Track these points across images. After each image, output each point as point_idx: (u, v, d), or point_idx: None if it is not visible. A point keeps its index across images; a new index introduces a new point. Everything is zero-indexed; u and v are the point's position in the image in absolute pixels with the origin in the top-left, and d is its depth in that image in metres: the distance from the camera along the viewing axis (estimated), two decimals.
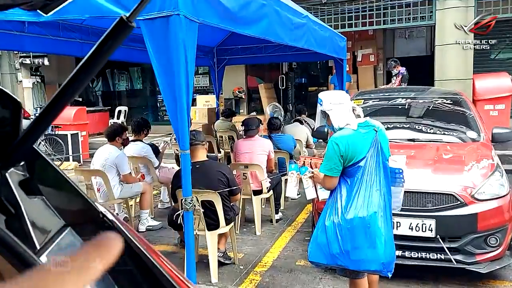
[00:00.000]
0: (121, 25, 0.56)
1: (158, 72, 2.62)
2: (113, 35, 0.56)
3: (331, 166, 2.64)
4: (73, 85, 0.57)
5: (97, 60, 0.57)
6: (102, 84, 15.08)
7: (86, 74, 0.58)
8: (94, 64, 0.57)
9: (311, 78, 13.83)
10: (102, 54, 0.57)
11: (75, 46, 5.41)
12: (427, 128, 4.79)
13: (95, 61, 0.57)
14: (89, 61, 0.57)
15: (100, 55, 0.57)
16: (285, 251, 4.38)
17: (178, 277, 0.82)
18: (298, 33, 4.76)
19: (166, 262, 0.83)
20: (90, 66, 0.57)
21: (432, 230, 3.48)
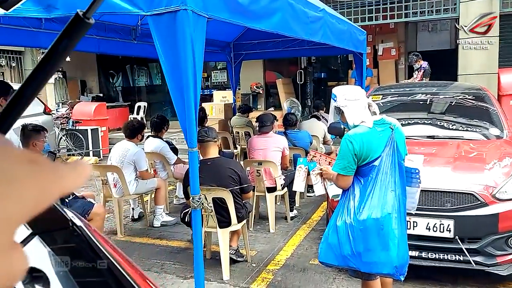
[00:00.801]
0: (77, 22, 0.51)
1: (166, 69, 2.59)
2: (69, 32, 0.51)
3: (345, 165, 2.56)
4: (31, 86, 0.52)
5: (54, 60, 0.53)
6: (122, 80, 15.25)
7: (44, 75, 0.53)
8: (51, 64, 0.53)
9: (330, 73, 13.64)
10: (59, 53, 0.52)
11: (92, 42, 5.44)
12: (448, 124, 4.65)
13: (52, 61, 0.53)
14: (46, 61, 0.52)
15: (57, 54, 0.52)
16: (299, 250, 4.31)
17: (145, 281, 0.79)
18: (314, 27, 4.66)
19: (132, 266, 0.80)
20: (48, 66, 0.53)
21: (451, 230, 3.37)
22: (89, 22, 0.52)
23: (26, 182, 0.28)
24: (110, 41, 5.73)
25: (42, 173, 0.29)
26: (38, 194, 0.29)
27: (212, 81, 13.84)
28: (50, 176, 0.30)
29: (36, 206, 0.29)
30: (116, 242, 4.65)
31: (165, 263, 4.05)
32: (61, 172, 0.31)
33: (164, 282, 3.66)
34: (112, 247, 0.81)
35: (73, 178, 0.32)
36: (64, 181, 0.31)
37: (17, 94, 0.53)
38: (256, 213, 5.12)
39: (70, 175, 0.32)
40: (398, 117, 4.78)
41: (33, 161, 0.29)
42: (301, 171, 3.00)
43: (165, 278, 3.74)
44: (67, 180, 0.31)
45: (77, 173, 0.32)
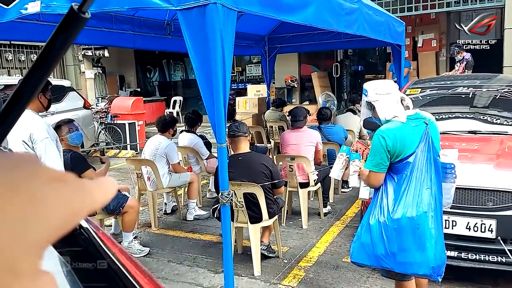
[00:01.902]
0: (72, 17, 0.48)
1: (195, 63, 2.58)
2: (65, 28, 0.48)
3: (378, 161, 2.47)
4: (29, 85, 0.50)
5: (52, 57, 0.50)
6: (158, 75, 15.53)
7: (42, 72, 0.51)
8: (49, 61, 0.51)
9: (368, 66, 13.32)
10: (56, 49, 0.50)
11: (127, 38, 5.54)
12: (491, 119, 4.42)
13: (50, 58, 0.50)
14: (43, 58, 0.50)
15: (54, 51, 0.50)
16: (332, 247, 4.24)
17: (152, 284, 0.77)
18: (349, 18, 4.53)
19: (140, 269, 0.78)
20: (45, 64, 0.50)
21: (492, 230, 3.20)
22: (84, 16, 0.49)
23: (54, 202, 0.27)
24: (145, 37, 5.81)
25: (69, 192, 0.28)
26: (65, 214, 0.28)
27: (246, 74, 13.84)
28: (78, 194, 0.29)
29: (63, 226, 0.27)
30: (150, 235, 4.74)
31: (197, 257, 4.08)
32: (89, 189, 0.30)
33: (196, 276, 3.69)
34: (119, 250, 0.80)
35: (101, 195, 0.31)
36: (92, 198, 0.30)
37: (15, 94, 0.51)
38: (289, 209, 5.08)
39: (97, 191, 0.31)
40: (438, 111, 4.64)
41: (59, 179, 0.28)
42: (341, 159, 2.92)
43: (197, 272, 3.77)
44: (95, 197, 0.30)
45: (104, 189, 0.31)
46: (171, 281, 3.61)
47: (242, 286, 3.49)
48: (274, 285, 3.51)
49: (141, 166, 4.87)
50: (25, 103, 0.56)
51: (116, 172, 7.95)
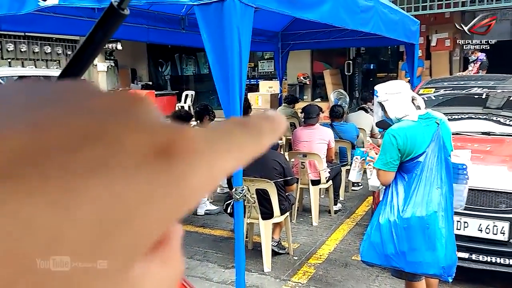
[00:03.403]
0: (112, 13, 0.49)
1: (212, 59, 2.59)
2: (104, 24, 0.50)
3: (387, 160, 2.47)
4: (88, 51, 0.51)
5: (90, 52, 0.52)
6: (170, 69, 15.57)
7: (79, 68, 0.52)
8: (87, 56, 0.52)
9: (380, 64, 13.23)
10: (95, 45, 0.51)
11: (141, 32, 5.57)
12: (505, 120, 4.38)
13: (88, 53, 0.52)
14: (81, 53, 0.51)
15: (93, 46, 0.51)
16: (342, 244, 4.24)
17: None
18: (364, 16, 4.52)
19: None
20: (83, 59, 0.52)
21: (505, 233, 3.19)
22: (123, 13, 0.51)
23: (245, 147, 0.21)
24: (159, 31, 5.84)
25: (252, 136, 0.22)
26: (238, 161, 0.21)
27: (258, 70, 13.83)
28: (257, 139, 0.23)
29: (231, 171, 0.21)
30: None
31: (208, 252, 4.11)
32: (264, 131, 0.23)
33: (206, 271, 3.73)
34: None
35: (272, 136, 0.24)
36: (265, 140, 0.23)
37: None
38: (300, 206, 5.09)
39: (269, 132, 0.24)
40: (451, 112, 4.61)
41: (242, 124, 0.22)
42: (357, 162, 2.96)
43: (207, 267, 3.80)
44: (267, 139, 0.23)
45: (274, 127, 0.24)
46: None
47: (252, 282, 3.51)
48: (284, 281, 3.53)
49: None
50: None
51: None
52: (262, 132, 0.23)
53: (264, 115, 0.24)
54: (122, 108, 0.18)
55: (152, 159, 0.17)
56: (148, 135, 0.18)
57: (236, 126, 0.21)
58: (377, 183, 2.74)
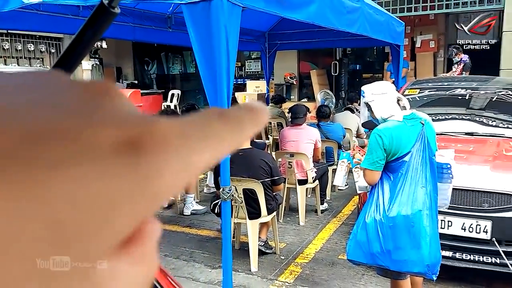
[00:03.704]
0: (102, 12, 0.49)
1: (199, 58, 2.58)
2: (94, 22, 0.49)
3: (374, 159, 2.50)
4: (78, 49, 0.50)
5: (79, 51, 0.51)
6: (156, 67, 15.47)
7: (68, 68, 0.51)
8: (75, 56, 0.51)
9: (366, 65, 13.35)
10: (83, 44, 0.50)
11: (127, 30, 5.52)
12: (488, 121, 4.45)
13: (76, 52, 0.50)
14: (69, 53, 0.50)
15: (82, 45, 0.50)
16: (328, 244, 4.27)
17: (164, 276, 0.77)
18: (351, 17, 4.55)
19: None
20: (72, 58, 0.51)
21: (488, 232, 3.24)
22: (114, 11, 0.50)
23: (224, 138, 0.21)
24: (145, 29, 5.79)
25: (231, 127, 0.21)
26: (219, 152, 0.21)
27: (245, 70, 13.82)
28: (236, 130, 0.22)
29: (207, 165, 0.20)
30: None
31: (194, 252, 4.10)
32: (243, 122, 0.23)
33: (192, 271, 3.71)
34: None
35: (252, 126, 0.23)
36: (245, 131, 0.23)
37: None
38: (286, 205, 5.10)
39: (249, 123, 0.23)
40: (435, 112, 4.67)
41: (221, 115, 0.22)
42: (343, 166, 2.97)
43: (193, 267, 3.79)
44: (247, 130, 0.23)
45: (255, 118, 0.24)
46: None
47: (239, 282, 3.51)
48: (271, 281, 3.54)
49: None
50: None
51: None
52: (242, 123, 0.22)
53: (245, 106, 0.24)
54: (89, 101, 0.18)
55: (119, 153, 0.16)
56: (116, 128, 0.17)
57: (215, 117, 0.21)
58: (365, 184, 2.77)
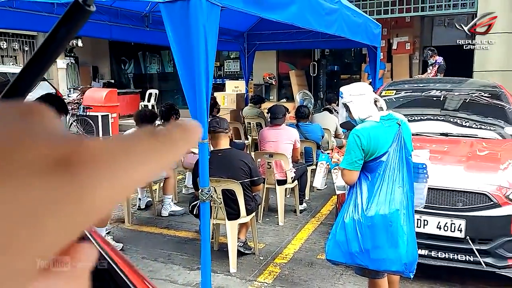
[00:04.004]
0: (77, 9, 0.47)
1: (177, 58, 2.55)
2: (68, 20, 0.47)
3: (352, 159, 2.53)
4: (25, 80, 0.48)
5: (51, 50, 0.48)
6: (134, 67, 15.26)
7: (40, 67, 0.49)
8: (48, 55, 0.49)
9: (344, 66, 13.50)
10: (56, 43, 0.48)
11: (103, 28, 5.42)
12: (462, 122, 4.56)
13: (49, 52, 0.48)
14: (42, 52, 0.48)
15: (55, 44, 0.48)
16: (307, 244, 4.29)
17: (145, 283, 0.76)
18: (329, 19, 4.59)
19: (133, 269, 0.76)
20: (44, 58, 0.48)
21: (462, 230, 3.31)
22: (89, 9, 0.48)
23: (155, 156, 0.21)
24: (122, 28, 5.70)
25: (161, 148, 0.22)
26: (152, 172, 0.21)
27: (224, 70, 13.78)
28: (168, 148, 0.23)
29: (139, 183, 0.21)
30: (123, 231, 4.67)
31: (172, 254, 4.05)
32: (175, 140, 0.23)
33: (170, 273, 3.67)
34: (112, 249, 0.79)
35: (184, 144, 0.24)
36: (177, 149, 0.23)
37: (9, 89, 0.49)
38: (266, 206, 5.10)
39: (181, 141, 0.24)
40: (411, 113, 4.75)
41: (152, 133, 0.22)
42: (322, 168, 2.99)
43: (171, 269, 3.74)
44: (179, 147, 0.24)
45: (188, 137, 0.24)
46: None
47: (217, 283, 3.49)
48: (250, 282, 3.53)
49: None
50: (22, 98, 0.54)
51: None
52: (173, 140, 0.23)
53: (177, 124, 0.24)
54: (22, 122, 0.18)
55: (47, 170, 0.16)
56: (46, 147, 0.17)
57: (145, 135, 0.21)
58: (343, 183, 2.80)
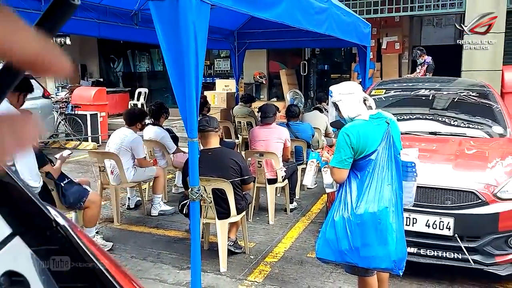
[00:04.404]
0: (61, 4, 0.45)
1: (167, 56, 2.53)
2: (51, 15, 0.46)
3: (342, 157, 2.54)
4: (5, 80, 0.47)
5: None
6: (123, 65, 15.14)
7: None
8: None
9: (334, 65, 13.55)
10: None
11: (92, 26, 5.36)
12: (450, 121, 4.60)
13: None
14: None
15: None
16: (297, 242, 4.30)
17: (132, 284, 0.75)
18: (319, 18, 4.59)
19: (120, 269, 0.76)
20: None
21: (450, 228, 3.34)
22: (74, 3, 0.47)
23: None
24: (111, 26, 5.64)
25: None
26: None
27: (215, 69, 13.74)
28: None
29: None
30: (112, 230, 4.63)
31: (162, 253, 4.03)
32: None
33: (160, 272, 3.65)
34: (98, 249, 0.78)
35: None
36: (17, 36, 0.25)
37: None
38: (256, 205, 5.10)
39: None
40: (400, 112, 4.79)
41: None
42: (312, 166, 3.01)
43: (161, 268, 3.72)
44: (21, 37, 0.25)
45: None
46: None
47: (207, 282, 3.47)
48: (240, 281, 3.52)
49: (105, 159, 4.74)
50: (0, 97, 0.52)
51: (76, 165, 7.72)
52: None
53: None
54: None
55: None
56: None
57: None
58: (331, 181, 2.82)
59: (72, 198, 3.78)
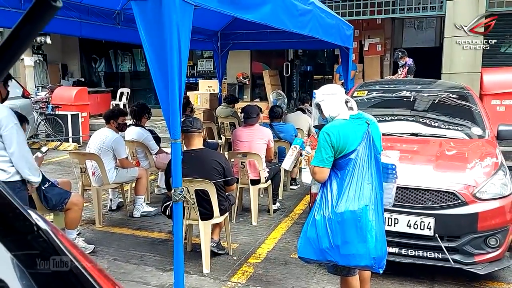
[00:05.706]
0: (42, 5, 0.44)
1: (150, 57, 2.51)
2: (33, 17, 0.45)
3: (323, 156, 2.58)
4: None
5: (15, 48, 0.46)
6: (105, 65, 14.95)
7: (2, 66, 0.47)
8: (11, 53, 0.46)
9: (317, 67, 13.64)
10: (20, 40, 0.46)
11: (73, 25, 5.29)
12: (431, 122, 4.67)
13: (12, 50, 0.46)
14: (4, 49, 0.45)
15: (18, 41, 0.46)
16: (281, 243, 4.30)
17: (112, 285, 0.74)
18: (303, 19, 4.62)
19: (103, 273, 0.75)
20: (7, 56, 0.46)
21: (431, 228, 3.39)
22: (55, 5, 0.46)
23: None
24: (93, 25, 5.57)
25: None
26: None
27: (198, 69, 13.69)
28: None
29: None
30: (94, 232, 4.57)
31: (145, 255, 3.99)
32: None
33: (143, 274, 3.61)
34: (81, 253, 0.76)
35: None
36: None
37: None
38: (239, 205, 5.09)
39: None
40: (381, 114, 4.85)
41: None
42: (295, 152, 3.08)
43: (144, 270, 3.68)
44: None
45: None
46: (117, 280, 3.50)
47: (191, 284, 3.45)
48: (223, 282, 3.51)
49: (86, 160, 4.67)
50: None
51: (57, 166, 7.59)
52: None
53: None
54: None
55: None
56: None
57: None
58: (309, 179, 2.87)
59: (54, 200, 3.71)
